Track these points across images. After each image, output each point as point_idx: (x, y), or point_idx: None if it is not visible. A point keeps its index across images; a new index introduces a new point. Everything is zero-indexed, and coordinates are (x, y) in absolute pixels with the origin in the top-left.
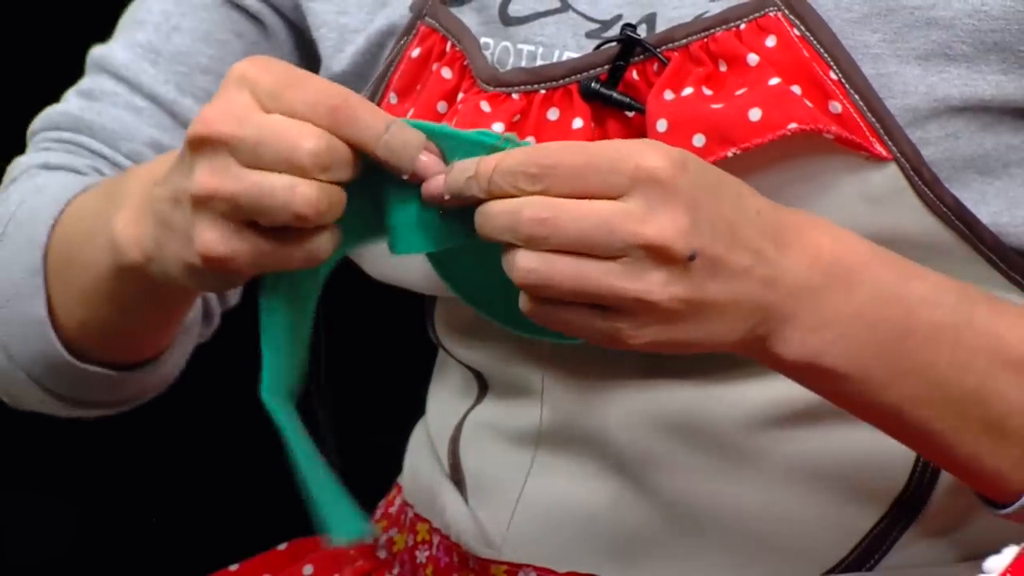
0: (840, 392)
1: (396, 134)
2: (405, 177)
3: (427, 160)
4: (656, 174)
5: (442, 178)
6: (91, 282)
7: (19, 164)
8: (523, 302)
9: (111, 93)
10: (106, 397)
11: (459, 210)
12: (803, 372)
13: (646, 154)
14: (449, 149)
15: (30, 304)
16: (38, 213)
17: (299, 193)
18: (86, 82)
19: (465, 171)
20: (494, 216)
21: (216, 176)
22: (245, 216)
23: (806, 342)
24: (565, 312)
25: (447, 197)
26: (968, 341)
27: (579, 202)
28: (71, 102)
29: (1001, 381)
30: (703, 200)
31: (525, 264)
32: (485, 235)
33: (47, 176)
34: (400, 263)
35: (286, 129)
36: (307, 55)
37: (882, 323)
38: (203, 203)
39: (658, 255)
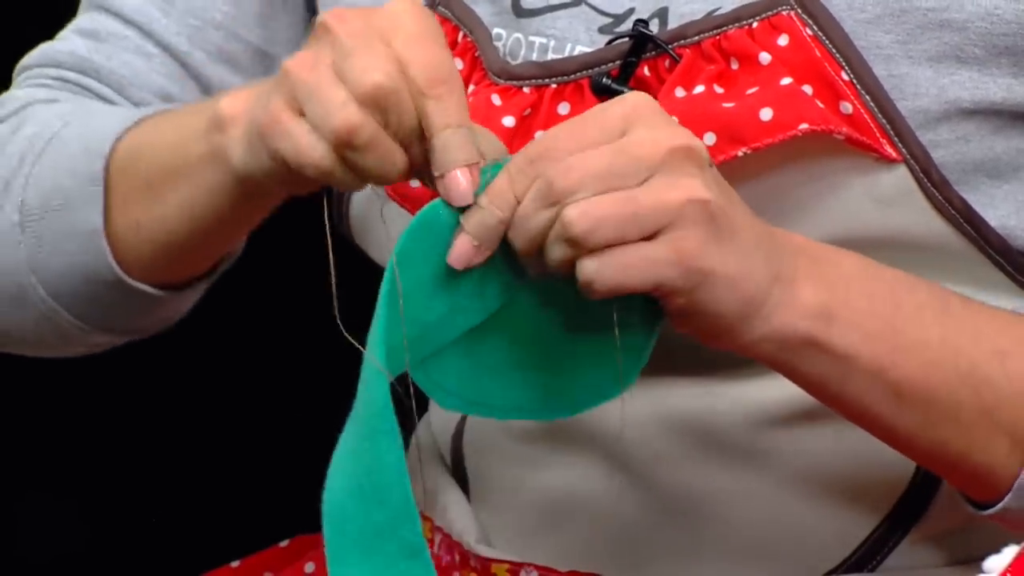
0: (842, 379)
1: (458, 135)
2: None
3: (462, 177)
4: (645, 108)
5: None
6: (164, 173)
7: (15, 97)
8: (586, 268)
9: (120, 36)
10: (130, 322)
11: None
12: (813, 351)
13: (628, 100)
14: None
15: (82, 213)
16: (99, 127)
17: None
18: (86, 21)
19: (485, 212)
20: (525, 205)
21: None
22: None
23: (815, 305)
24: (625, 255)
25: (476, 243)
26: (952, 324)
27: (588, 150)
28: (75, 42)
29: (988, 368)
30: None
31: (571, 213)
32: (529, 236)
33: (87, 103)
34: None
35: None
36: None
37: (874, 295)
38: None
39: (686, 157)
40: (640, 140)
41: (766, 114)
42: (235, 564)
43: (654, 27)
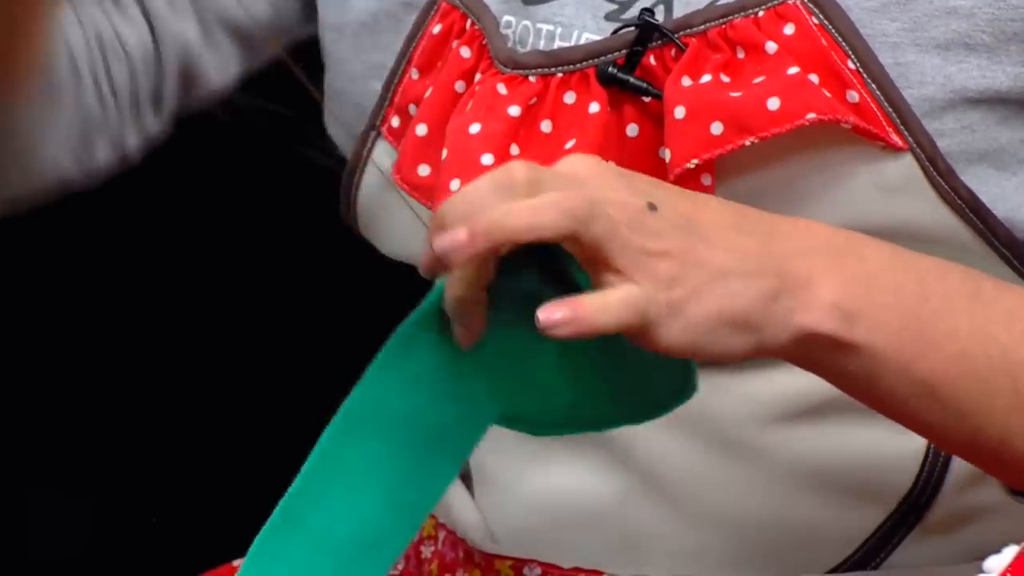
0: (871, 375)
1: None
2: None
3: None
4: (564, 167)
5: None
6: None
7: None
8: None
9: None
10: None
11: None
12: (837, 351)
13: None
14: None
15: None
16: None
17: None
18: None
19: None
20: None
21: None
22: None
23: (837, 304)
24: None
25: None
26: (982, 310)
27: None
28: None
29: (1022, 351)
30: (635, 176)
31: (625, 295)
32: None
33: None
34: (411, 240)
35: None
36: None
37: (899, 289)
38: None
39: (614, 208)
40: (562, 196)
41: (773, 103)
42: (236, 563)
43: (659, 14)
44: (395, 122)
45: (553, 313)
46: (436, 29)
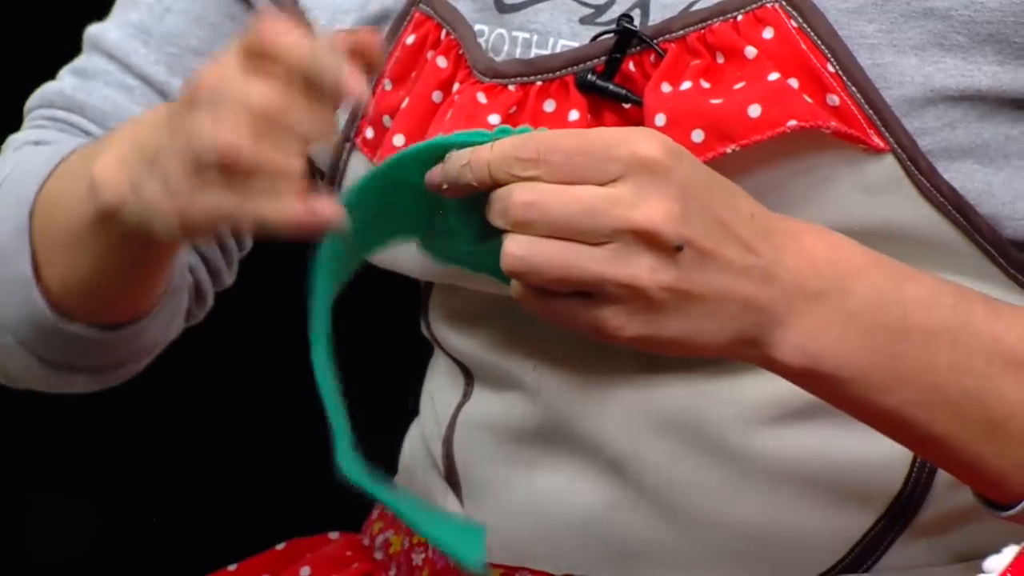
0: (840, 396)
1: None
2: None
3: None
4: (649, 161)
5: (440, 167)
6: (70, 232)
7: (14, 141)
8: (514, 288)
9: (103, 72)
10: (90, 361)
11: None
12: (801, 377)
13: (642, 141)
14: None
15: (16, 262)
16: (29, 173)
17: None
18: (81, 60)
19: (460, 159)
20: (494, 200)
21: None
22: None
23: (802, 346)
24: (554, 301)
25: (445, 187)
26: (966, 342)
27: (568, 187)
28: (65, 80)
29: (1001, 382)
30: (696, 193)
31: (513, 250)
32: (491, 216)
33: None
34: (391, 248)
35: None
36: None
37: (878, 328)
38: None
39: (646, 241)
40: (617, 201)
41: (754, 111)
42: (232, 568)
43: (636, 19)
44: (369, 133)
45: None
46: (410, 40)
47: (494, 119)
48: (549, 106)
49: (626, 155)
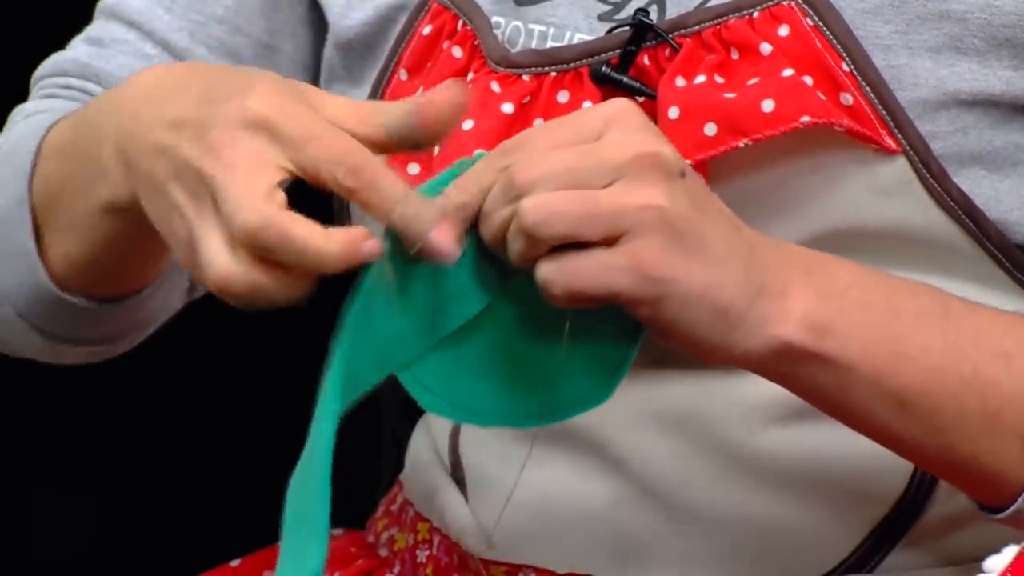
0: (843, 389)
1: (411, 204)
2: (414, 251)
3: (442, 236)
4: (627, 110)
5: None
6: (81, 214)
7: (23, 110)
8: (541, 269)
9: (121, 40)
10: (89, 333)
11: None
12: (808, 363)
13: (612, 102)
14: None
15: (17, 234)
16: (23, 143)
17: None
18: (94, 29)
19: (457, 194)
20: (491, 197)
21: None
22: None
23: (809, 315)
24: (583, 258)
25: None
26: (954, 328)
27: (559, 148)
28: (79, 49)
29: (994, 370)
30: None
31: (529, 206)
32: (493, 229)
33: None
34: None
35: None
36: (319, 18)
37: (871, 304)
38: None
39: (651, 165)
40: (609, 143)
41: (768, 106)
42: (235, 563)
43: (653, 14)
44: None
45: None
46: (426, 30)
47: (507, 108)
48: (563, 97)
49: (604, 112)
